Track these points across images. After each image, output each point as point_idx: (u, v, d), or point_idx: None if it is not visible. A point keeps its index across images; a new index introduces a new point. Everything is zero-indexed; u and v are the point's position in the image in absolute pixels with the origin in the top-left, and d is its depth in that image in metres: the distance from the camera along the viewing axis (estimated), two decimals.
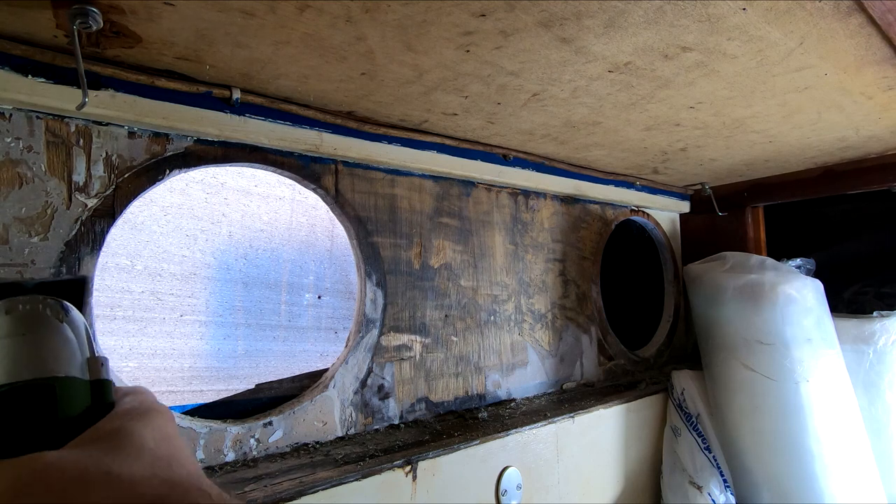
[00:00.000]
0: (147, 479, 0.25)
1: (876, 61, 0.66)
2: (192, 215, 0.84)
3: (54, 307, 0.31)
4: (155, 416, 0.29)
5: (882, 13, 0.54)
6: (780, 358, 1.06)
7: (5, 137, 0.57)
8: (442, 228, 0.97)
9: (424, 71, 0.65)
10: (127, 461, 0.26)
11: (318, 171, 0.82)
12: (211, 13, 0.51)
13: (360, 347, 0.84)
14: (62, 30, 0.53)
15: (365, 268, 0.86)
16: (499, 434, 0.86)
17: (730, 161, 1.14)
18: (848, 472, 1.01)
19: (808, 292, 1.10)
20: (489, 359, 1.02)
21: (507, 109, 0.80)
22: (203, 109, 0.68)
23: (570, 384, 1.17)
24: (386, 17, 0.52)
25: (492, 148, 0.99)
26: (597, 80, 0.69)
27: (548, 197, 1.17)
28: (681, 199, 1.47)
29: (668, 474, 1.16)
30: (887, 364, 1.07)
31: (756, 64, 0.65)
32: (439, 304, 0.95)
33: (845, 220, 1.34)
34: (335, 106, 0.77)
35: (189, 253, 0.84)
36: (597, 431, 1.05)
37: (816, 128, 0.92)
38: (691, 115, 0.84)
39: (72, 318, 0.31)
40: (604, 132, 0.92)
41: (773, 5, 0.52)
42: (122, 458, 0.26)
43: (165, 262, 0.82)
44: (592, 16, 0.53)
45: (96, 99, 0.60)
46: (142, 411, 0.29)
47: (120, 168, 0.65)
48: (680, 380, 1.21)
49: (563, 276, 1.18)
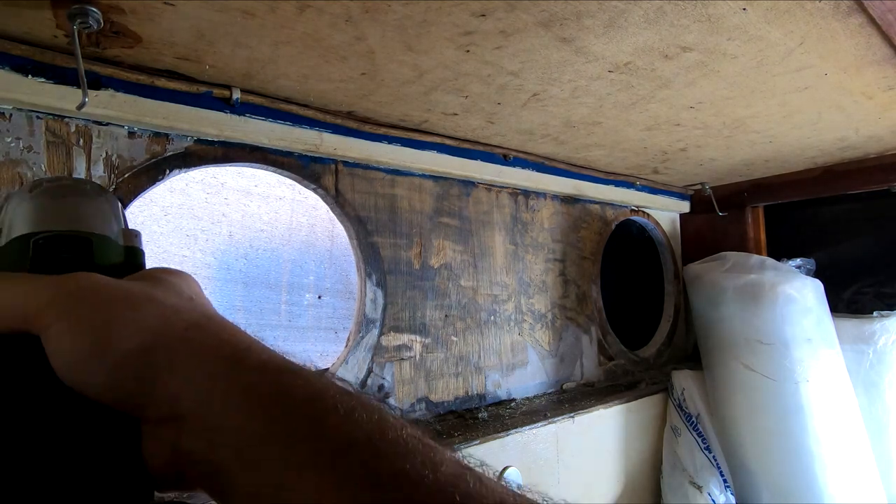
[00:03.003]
0: (188, 309, 0.26)
1: (876, 61, 0.66)
2: (192, 215, 0.84)
3: (94, 185, 0.32)
4: (187, 276, 0.30)
5: (882, 13, 0.54)
6: (780, 358, 1.06)
7: (5, 137, 0.57)
8: (442, 228, 0.97)
9: (424, 71, 0.65)
10: (168, 294, 0.26)
11: (318, 170, 0.82)
12: (211, 13, 0.51)
13: (360, 347, 0.84)
14: (62, 30, 0.53)
15: (365, 268, 0.86)
16: (499, 434, 0.86)
17: (730, 161, 1.14)
18: (848, 472, 1.01)
19: (808, 292, 1.10)
20: (489, 359, 1.02)
21: (507, 109, 0.80)
22: (203, 109, 0.68)
23: (570, 384, 1.17)
24: (386, 17, 0.52)
25: (492, 148, 0.99)
26: (597, 80, 0.69)
27: (548, 197, 1.17)
28: (681, 199, 1.47)
29: (668, 474, 1.16)
30: (887, 364, 1.07)
31: (756, 64, 0.65)
32: (439, 304, 0.95)
33: (845, 220, 1.34)
34: (335, 106, 0.77)
35: (189, 253, 0.83)
36: (597, 431, 1.05)
37: (816, 128, 0.92)
38: (691, 115, 0.84)
39: (110, 197, 0.32)
40: (604, 132, 0.92)
41: (773, 5, 0.52)
42: (164, 291, 0.27)
43: (165, 262, 0.81)
44: (592, 16, 0.53)
45: (96, 99, 0.60)
46: (174, 271, 0.30)
47: (120, 168, 0.65)
48: (680, 380, 1.21)
49: (563, 276, 1.18)
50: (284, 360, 0.25)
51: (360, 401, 0.23)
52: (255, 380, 0.23)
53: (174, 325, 0.24)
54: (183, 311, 0.25)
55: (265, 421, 0.21)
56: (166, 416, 0.22)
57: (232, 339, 0.25)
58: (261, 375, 0.23)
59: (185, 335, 0.24)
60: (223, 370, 0.23)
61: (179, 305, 0.26)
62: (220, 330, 0.25)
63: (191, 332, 0.24)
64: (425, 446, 0.22)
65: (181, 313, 0.25)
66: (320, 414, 0.22)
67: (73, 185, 0.31)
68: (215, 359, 0.23)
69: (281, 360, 0.25)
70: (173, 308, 0.25)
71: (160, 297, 0.26)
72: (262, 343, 0.26)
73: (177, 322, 0.24)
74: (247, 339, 0.25)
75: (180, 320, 0.25)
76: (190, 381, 0.23)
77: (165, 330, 0.24)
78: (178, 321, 0.25)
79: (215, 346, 0.24)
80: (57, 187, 0.30)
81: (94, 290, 0.24)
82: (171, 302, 0.26)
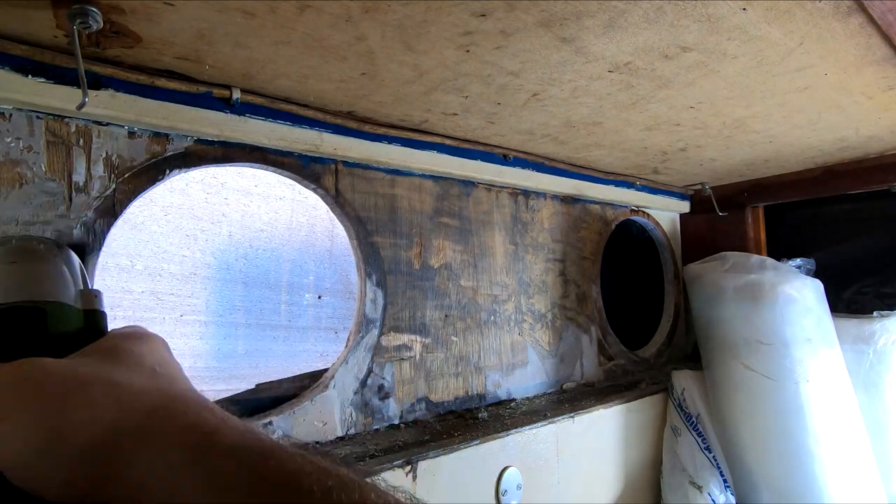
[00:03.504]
0: (148, 390, 0.24)
1: (876, 61, 0.66)
2: (192, 215, 0.84)
3: (47, 243, 0.30)
4: (152, 340, 0.29)
5: (882, 13, 0.54)
6: (780, 358, 1.06)
7: (5, 137, 0.57)
8: (442, 228, 0.97)
9: (424, 71, 0.65)
10: (127, 372, 0.25)
11: (318, 170, 0.82)
12: (211, 13, 0.51)
13: (360, 347, 0.84)
14: (62, 30, 0.53)
15: (365, 268, 0.86)
16: (499, 434, 0.86)
17: (730, 161, 1.14)
18: (848, 472, 1.01)
19: (808, 292, 1.10)
20: (489, 359, 1.02)
21: (507, 109, 0.80)
22: (203, 109, 0.68)
23: (570, 384, 1.17)
24: (386, 17, 0.52)
25: (492, 148, 0.99)
26: (597, 80, 0.69)
27: (548, 197, 1.17)
28: (681, 199, 1.47)
29: (668, 474, 1.16)
30: (887, 364, 1.07)
31: (756, 64, 0.65)
32: (439, 304, 0.95)
33: (845, 220, 1.34)
34: (335, 106, 0.77)
35: (189, 253, 0.83)
36: (597, 431, 1.05)
37: (816, 128, 0.92)
38: (691, 115, 0.84)
39: (65, 254, 0.30)
40: (604, 132, 0.92)
41: (773, 5, 0.52)
42: (123, 369, 0.25)
43: (165, 262, 0.81)
44: (592, 16, 0.53)
45: (96, 99, 0.60)
46: (138, 335, 0.28)
47: (120, 168, 0.65)
48: (680, 380, 1.21)
49: (563, 276, 1.18)
50: (257, 440, 0.23)
51: (339, 479, 0.22)
52: (223, 467, 0.21)
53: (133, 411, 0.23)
54: (143, 393, 0.24)
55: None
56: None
57: (197, 421, 0.23)
58: (229, 461, 0.21)
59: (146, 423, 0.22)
60: (189, 459, 0.21)
61: (140, 386, 0.24)
62: (184, 412, 0.23)
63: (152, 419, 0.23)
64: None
65: (141, 396, 0.24)
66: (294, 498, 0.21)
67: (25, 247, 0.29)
68: (181, 447, 0.22)
69: (252, 441, 0.23)
70: (132, 391, 0.24)
71: (117, 379, 0.24)
72: (232, 420, 0.24)
73: (136, 407, 0.23)
74: (214, 420, 0.23)
75: (140, 405, 0.23)
76: (153, 474, 0.21)
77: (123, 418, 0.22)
78: (138, 406, 0.23)
79: (179, 432, 0.22)
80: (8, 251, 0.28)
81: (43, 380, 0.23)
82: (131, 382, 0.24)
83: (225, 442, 0.22)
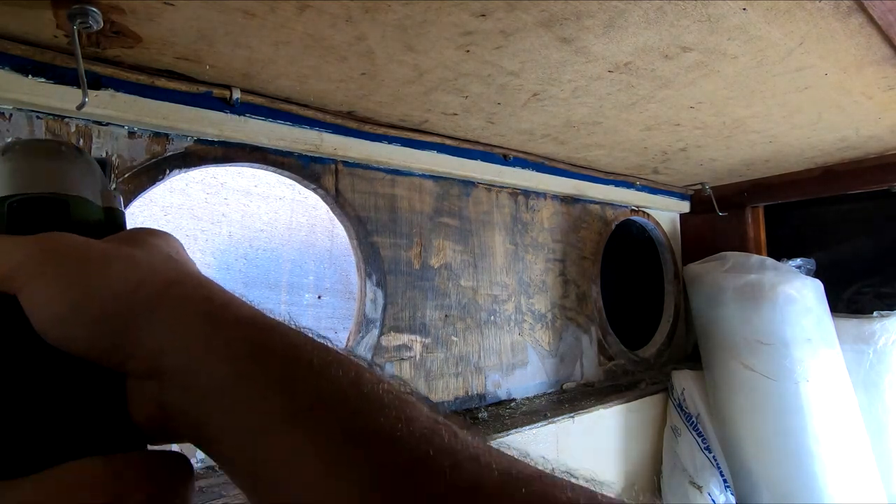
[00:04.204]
0: (165, 269, 0.26)
1: (876, 61, 0.66)
2: (192, 215, 0.84)
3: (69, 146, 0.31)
4: (168, 235, 0.30)
5: (882, 13, 0.54)
6: (780, 358, 1.06)
7: (5, 137, 0.57)
8: (442, 228, 0.97)
9: (424, 71, 0.65)
10: (145, 253, 0.26)
11: (318, 171, 0.82)
12: (211, 13, 0.51)
13: (361, 347, 0.84)
14: (62, 30, 0.53)
15: (365, 268, 0.86)
16: (499, 434, 0.86)
17: (730, 161, 1.14)
18: (848, 472, 1.01)
19: (808, 292, 1.10)
20: (489, 359, 1.02)
21: (507, 109, 0.80)
22: (203, 109, 0.68)
23: (570, 384, 1.17)
24: (386, 17, 0.52)
25: (492, 148, 0.99)
26: (597, 80, 0.69)
27: (548, 197, 1.17)
28: (681, 199, 1.47)
29: (668, 474, 1.16)
30: (887, 364, 1.07)
31: (756, 64, 0.65)
32: (439, 304, 0.95)
33: (845, 220, 1.34)
34: (335, 106, 0.77)
35: (189, 253, 0.83)
36: (597, 431, 1.05)
37: (816, 128, 0.92)
38: (691, 115, 0.84)
39: (87, 157, 0.31)
40: (604, 132, 0.92)
41: (773, 5, 0.52)
42: (142, 251, 0.26)
43: None
44: (592, 16, 0.53)
45: (96, 99, 0.60)
46: (157, 231, 0.30)
47: (120, 168, 0.65)
48: (680, 380, 1.21)
49: (563, 276, 1.18)
50: (262, 316, 0.25)
51: (338, 357, 0.23)
52: (231, 334, 0.23)
53: (152, 283, 0.24)
54: (161, 270, 0.25)
55: (240, 374, 0.22)
56: (148, 371, 0.23)
57: (210, 294, 0.25)
58: (237, 330, 0.23)
59: (163, 292, 0.24)
60: (201, 325, 0.23)
61: (158, 264, 0.26)
62: (198, 286, 0.25)
63: (169, 289, 0.24)
64: (401, 401, 0.22)
65: (159, 272, 0.25)
66: (294, 368, 0.22)
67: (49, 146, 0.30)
68: (194, 314, 0.24)
69: (258, 316, 0.25)
70: (151, 267, 0.25)
71: (138, 257, 0.26)
72: (241, 300, 0.26)
73: (155, 280, 0.24)
74: (225, 295, 0.26)
75: (158, 278, 0.25)
76: (169, 336, 0.23)
77: (143, 287, 0.24)
78: (156, 279, 0.25)
79: (193, 302, 0.24)
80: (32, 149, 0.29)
81: (71, 249, 0.24)
82: (150, 261, 0.26)
83: (236, 313, 0.24)
